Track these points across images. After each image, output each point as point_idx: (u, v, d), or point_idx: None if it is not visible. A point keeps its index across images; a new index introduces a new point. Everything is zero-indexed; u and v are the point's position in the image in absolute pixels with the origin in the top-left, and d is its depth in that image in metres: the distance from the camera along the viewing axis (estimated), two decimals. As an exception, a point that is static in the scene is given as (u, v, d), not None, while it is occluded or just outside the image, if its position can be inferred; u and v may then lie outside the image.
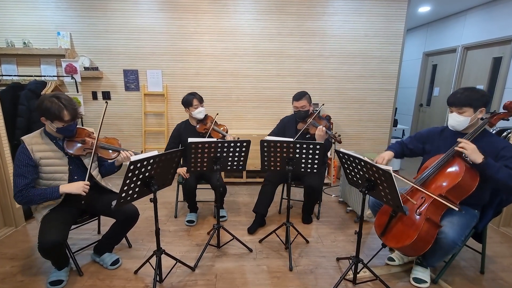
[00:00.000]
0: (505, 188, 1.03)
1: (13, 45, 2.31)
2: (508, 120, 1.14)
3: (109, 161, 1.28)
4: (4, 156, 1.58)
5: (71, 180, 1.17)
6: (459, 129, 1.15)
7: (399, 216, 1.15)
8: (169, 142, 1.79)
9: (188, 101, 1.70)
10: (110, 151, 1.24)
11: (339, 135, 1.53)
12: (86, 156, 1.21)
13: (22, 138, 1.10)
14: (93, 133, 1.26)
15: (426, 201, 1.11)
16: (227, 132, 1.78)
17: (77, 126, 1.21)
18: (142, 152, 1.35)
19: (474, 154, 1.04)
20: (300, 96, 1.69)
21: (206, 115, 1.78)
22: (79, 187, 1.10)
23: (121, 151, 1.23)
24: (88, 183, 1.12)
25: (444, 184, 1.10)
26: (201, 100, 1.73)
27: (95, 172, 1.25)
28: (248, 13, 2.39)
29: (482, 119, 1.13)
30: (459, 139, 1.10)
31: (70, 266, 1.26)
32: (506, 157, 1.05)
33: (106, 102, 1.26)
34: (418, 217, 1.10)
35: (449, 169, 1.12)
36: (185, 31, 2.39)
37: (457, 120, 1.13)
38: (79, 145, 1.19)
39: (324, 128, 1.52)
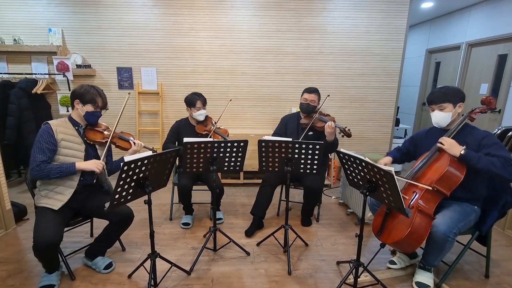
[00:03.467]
0: (492, 176, 1.06)
1: (3, 42, 2.26)
2: (486, 113, 1.21)
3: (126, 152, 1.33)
4: (-8, 157, 1.54)
5: None
6: (443, 125, 1.20)
7: (393, 213, 1.17)
8: (168, 136, 1.76)
9: (192, 101, 1.67)
10: (128, 141, 1.32)
11: (349, 129, 1.49)
12: (103, 144, 1.27)
13: (48, 121, 1.18)
14: (110, 127, 1.34)
15: (418, 194, 1.14)
16: (228, 135, 1.76)
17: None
18: (152, 148, 1.43)
19: (453, 148, 1.10)
20: (313, 89, 1.70)
21: (206, 116, 1.75)
22: (93, 163, 1.16)
23: (134, 141, 1.32)
24: (102, 162, 1.18)
25: (432, 176, 1.13)
26: (204, 103, 1.70)
27: (105, 172, 1.28)
28: (245, 9, 2.33)
29: (462, 114, 1.19)
30: (439, 140, 1.15)
31: (62, 270, 1.24)
32: (488, 145, 1.09)
33: (129, 93, 1.37)
34: (410, 210, 1.11)
35: (435, 163, 1.16)
36: (181, 27, 2.33)
37: (439, 116, 1.18)
38: (98, 133, 1.26)
39: (333, 124, 1.50)
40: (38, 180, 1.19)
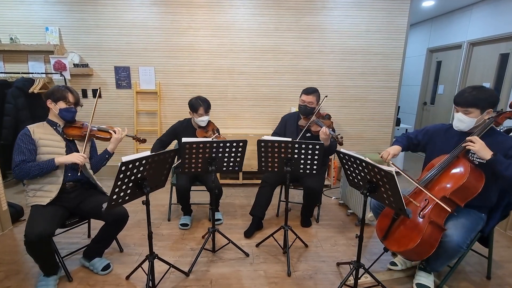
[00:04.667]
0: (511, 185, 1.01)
1: (-1, 41, 2.23)
2: None
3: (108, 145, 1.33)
4: (-12, 157, 1.52)
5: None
6: (464, 130, 1.12)
7: (401, 219, 1.13)
8: (164, 134, 1.73)
9: (195, 107, 1.62)
10: (108, 131, 1.32)
11: (342, 137, 1.46)
12: (82, 138, 1.27)
13: (27, 126, 1.20)
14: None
15: (430, 203, 1.09)
16: None
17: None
18: (135, 135, 1.45)
19: (483, 151, 1.02)
20: (310, 91, 1.65)
21: (209, 122, 1.71)
22: (73, 156, 1.17)
23: (114, 129, 1.32)
24: (83, 154, 1.20)
25: (448, 185, 1.08)
26: (207, 110, 1.64)
27: (88, 166, 1.28)
28: (244, 8, 2.31)
29: (488, 118, 1.10)
30: (468, 138, 1.07)
31: (60, 275, 1.22)
32: None
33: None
34: (421, 220, 1.07)
35: (454, 170, 1.10)
36: (179, 26, 2.31)
37: (462, 120, 1.10)
38: (77, 129, 1.27)
39: (327, 130, 1.47)
40: (24, 181, 1.20)
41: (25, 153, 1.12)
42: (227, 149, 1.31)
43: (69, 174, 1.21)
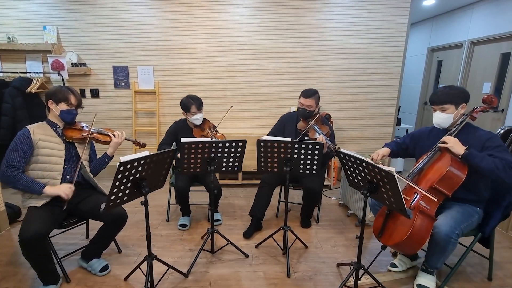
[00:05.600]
0: (494, 177, 1.05)
1: (-3, 40, 2.21)
2: (487, 112, 1.21)
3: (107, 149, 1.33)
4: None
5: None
6: (444, 126, 1.19)
7: (394, 214, 1.15)
8: (165, 137, 1.71)
9: (186, 106, 1.62)
10: (108, 135, 1.33)
11: (339, 148, 1.43)
12: (82, 141, 1.27)
13: (27, 126, 1.19)
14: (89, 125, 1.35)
15: (419, 195, 1.14)
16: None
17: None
18: (135, 140, 1.46)
19: (456, 147, 1.10)
20: (309, 93, 1.58)
21: (204, 120, 1.70)
22: (61, 189, 1.13)
23: (114, 133, 1.32)
24: (72, 186, 1.15)
25: (433, 176, 1.13)
26: (199, 107, 1.63)
27: (87, 169, 1.28)
28: (243, 7, 2.30)
29: (464, 114, 1.19)
30: (441, 140, 1.15)
31: (60, 282, 1.20)
32: (491, 147, 1.09)
33: (95, 115, 1.39)
34: (411, 211, 1.10)
35: (437, 162, 1.16)
36: (178, 25, 2.30)
37: (441, 118, 1.18)
38: (76, 131, 1.27)
39: (324, 139, 1.43)
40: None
41: (20, 153, 1.11)
42: (226, 149, 1.30)
43: (68, 176, 1.21)
